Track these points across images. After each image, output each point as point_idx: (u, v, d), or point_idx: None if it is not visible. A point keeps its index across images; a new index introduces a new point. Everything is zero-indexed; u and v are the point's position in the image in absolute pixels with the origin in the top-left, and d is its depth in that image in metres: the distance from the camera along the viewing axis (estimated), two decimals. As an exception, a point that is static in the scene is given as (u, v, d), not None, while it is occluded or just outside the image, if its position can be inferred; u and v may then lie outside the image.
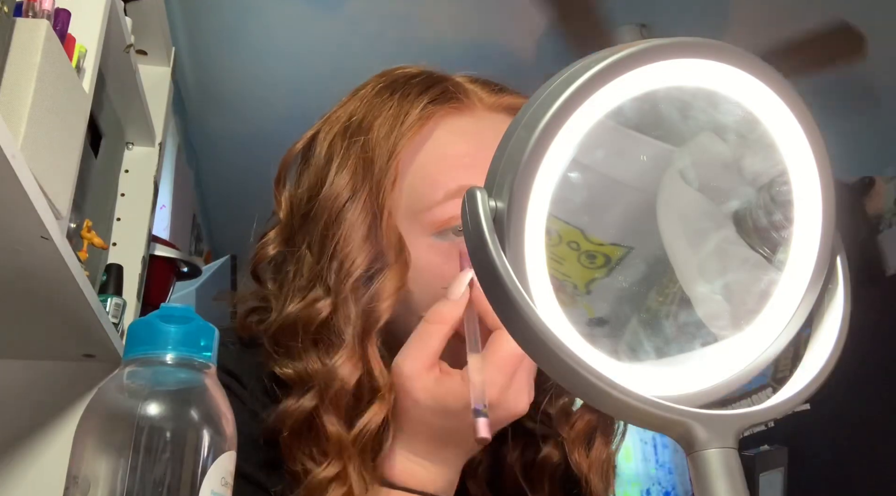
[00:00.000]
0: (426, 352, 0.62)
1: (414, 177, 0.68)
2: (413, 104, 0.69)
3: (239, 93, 2.98)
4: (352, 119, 0.72)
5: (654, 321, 0.48)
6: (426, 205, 0.67)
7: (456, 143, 0.69)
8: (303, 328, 0.66)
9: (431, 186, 0.67)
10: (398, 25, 2.65)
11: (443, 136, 0.69)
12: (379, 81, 0.74)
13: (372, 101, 0.72)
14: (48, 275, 0.86)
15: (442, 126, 0.70)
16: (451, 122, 0.70)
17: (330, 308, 0.65)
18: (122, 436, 0.43)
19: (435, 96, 0.70)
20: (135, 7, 1.38)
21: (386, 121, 0.69)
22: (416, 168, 0.68)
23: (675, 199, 0.49)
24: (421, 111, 0.69)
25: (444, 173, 0.68)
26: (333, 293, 0.65)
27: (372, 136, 0.69)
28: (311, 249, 0.69)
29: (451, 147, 0.69)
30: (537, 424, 0.72)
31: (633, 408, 0.40)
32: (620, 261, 0.50)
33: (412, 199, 0.68)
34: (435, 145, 0.69)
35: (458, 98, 0.71)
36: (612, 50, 0.42)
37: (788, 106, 0.45)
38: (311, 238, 0.69)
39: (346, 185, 0.68)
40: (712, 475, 0.40)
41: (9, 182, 0.67)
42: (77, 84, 0.91)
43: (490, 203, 0.41)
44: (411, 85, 0.72)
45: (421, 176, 0.68)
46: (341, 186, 0.68)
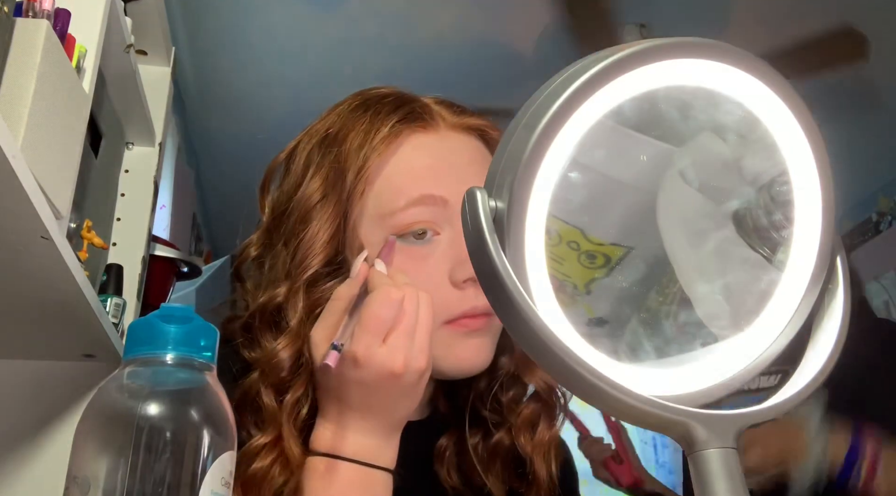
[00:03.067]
0: (328, 322, 0.70)
1: (380, 186, 0.76)
2: (383, 122, 0.78)
3: (239, 93, 2.98)
4: (328, 131, 0.80)
5: (654, 321, 0.48)
6: (390, 210, 0.75)
7: (419, 157, 0.78)
8: (261, 313, 0.74)
9: (395, 194, 0.75)
10: (398, 25, 2.65)
11: (408, 151, 0.77)
12: (355, 99, 0.82)
13: (347, 116, 0.80)
14: (48, 275, 0.86)
15: (408, 142, 0.78)
16: (416, 138, 0.78)
17: (284, 295, 0.74)
18: (122, 436, 0.43)
19: (403, 116, 0.78)
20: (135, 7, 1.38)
21: (358, 135, 0.77)
22: (382, 178, 0.76)
23: (675, 199, 0.49)
24: (390, 128, 0.77)
25: (407, 183, 0.76)
26: (290, 282, 0.74)
27: (345, 148, 0.77)
28: (286, 248, 0.76)
29: (415, 161, 0.77)
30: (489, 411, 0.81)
31: (633, 408, 0.40)
32: (620, 262, 0.50)
33: (378, 206, 0.76)
34: (400, 159, 0.77)
35: (424, 118, 0.79)
36: (612, 50, 0.42)
37: (788, 106, 0.45)
38: (285, 237, 0.77)
39: (318, 189, 0.76)
40: (712, 475, 0.40)
41: (9, 182, 0.67)
42: (77, 84, 0.91)
43: (490, 203, 0.41)
44: (383, 103, 0.80)
45: (387, 185, 0.76)
46: (313, 189, 0.76)
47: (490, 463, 0.81)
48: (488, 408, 0.81)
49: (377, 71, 2.76)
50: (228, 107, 3.04)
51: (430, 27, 2.65)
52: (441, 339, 0.74)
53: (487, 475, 0.80)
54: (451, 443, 0.82)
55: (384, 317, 0.66)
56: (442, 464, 0.81)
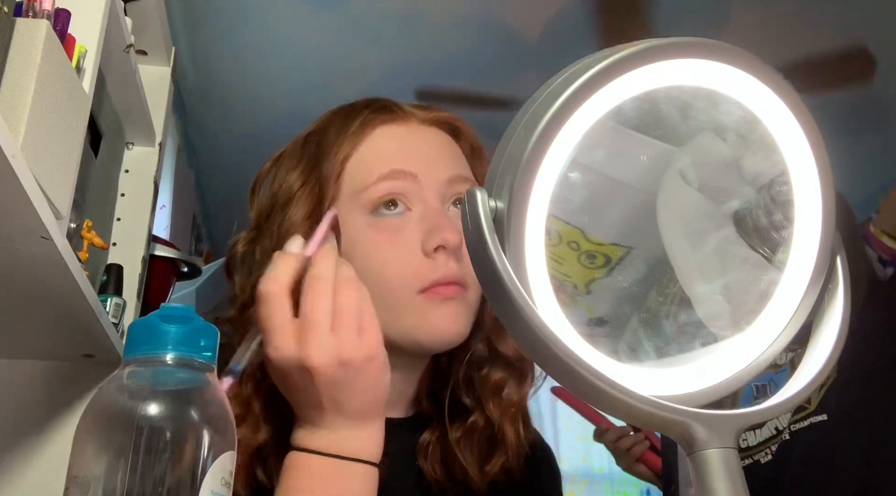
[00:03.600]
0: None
1: (354, 167, 0.82)
2: (356, 116, 0.85)
3: (239, 93, 2.97)
4: (308, 134, 0.88)
5: (654, 321, 0.48)
6: (363, 185, 0.80)
7: (390, 139, 0.84)
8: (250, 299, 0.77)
9: (367, 171, 0.81)
10: (398, 25, 2.65)
11: (378, 136, 0.84)
12: (332, 109, 0.90)
13: (324, 119, 0.88)
14: (48, 275, 0.86)
15: (380, 129, 0.85)
16: (387, 128, 0.85)
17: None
18: (122, 436, 0.43)
19: (375, 109, 0.86)
20: (135, 7, 1.38)
21: (333, 129, 0.85)
22: (355, 161, 0.83)
23: (675, 199, 0.49)
24: (363, 119, 0.84)
25: (378, 161, 0.82)
26: None
27: (323, 140, 0.84)
28: (271, 239, 0.81)
29: (385, 143, 0.84)
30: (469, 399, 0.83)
31: (633, 408, 0.40)
32: (620, 261, 0.50)
33: (352, 184, 0.81)
34: (372, 142, 0.84)
35: (395, 111, 0.87)
36: (612, 50, 0.42)
37: (788, 106, 0.45)
38: (270, 230, 0.82)
39: (297, 179, 0.83)
40: (712, 475, 0.40)
41: (9, 182, 0.67)
42: (77, 84, 0.91)
43: (490, 203, 0.41)
44: (356, 104, 0.88)
45: (359, 165, 0.82)
46: (293, 180, 0.83)
47: (466, 446, 0.82)
48: (466, 393, 0.83)
49: (377, 71, 2.76)
50: (228, 107, 3.04)
51: (429, 27, 2.65)
52: (416, 309, 0.77)
53: (465, 459, 0.81)
54: (433, 438, 0.83)
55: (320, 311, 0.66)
56: (426, 458, 0.82)
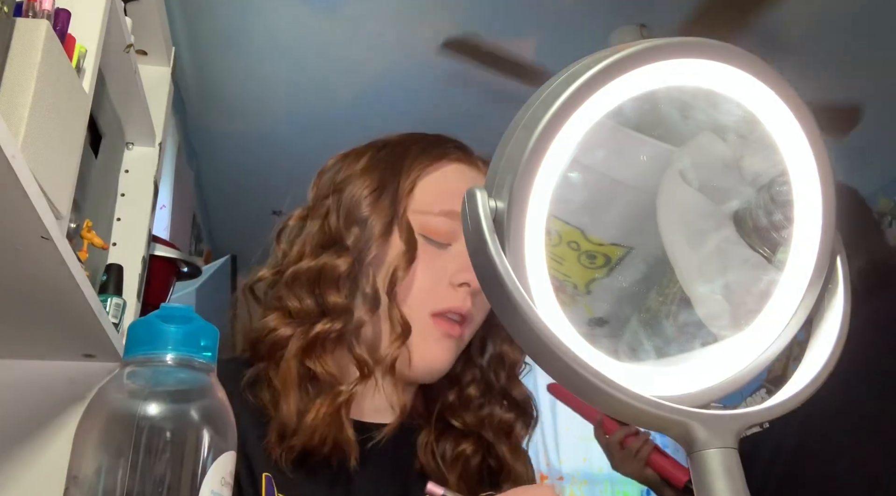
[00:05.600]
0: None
1: (424, 191, 0.90)
2: (440, 145, 0.94)
3: (239, 93, 2.97)
4: (389, 141, 0.96)
5: (654, 321, 0.48)
6: (423, 210, 0.88)
7: (460, 178, 0.92)
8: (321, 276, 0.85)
9: (432, 200, 0.89)
10: (398, 26, 2.65)
11: (451, 172, 0.93)
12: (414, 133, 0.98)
13: (408, 136, 0.96)
14: (48, 275, 0.86)
15: (454, 166, 0.93)
16: (462, 167, 0.94)
17: (347, 266, 0.84)
18: (122, 436, 0.43)
19: (456, 147, 0.96)
20: (135, 7, 1.38)
21: (416, 147, 0.93)
22: (426, 184, 0.91)
23: (675, 199, 0.48)
24: (444, 151, 0.93)
25: (443, 196, 0.90)
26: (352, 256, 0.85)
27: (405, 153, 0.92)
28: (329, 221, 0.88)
29: (455, 180, 0.92)
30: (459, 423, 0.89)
31: (633, 408, 0.40)
32: (620, 261, 0.50)
33: (417, 203, 0.89)
34: (444, 175, 0.92)
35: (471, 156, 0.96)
36: (612, 50, 0.42)
37: (788, 106, 0.45)
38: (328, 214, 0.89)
39: (373, 182, 0.89)
40: (712, 475, 0.40)
41: (9, 182, 0.67)
42: (77, 84, 0.91)
43: (490, 203, 0.41)
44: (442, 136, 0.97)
45: (429, 192, 0.90)
46: (368, 181, 0.89)
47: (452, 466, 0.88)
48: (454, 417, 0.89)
49: (377, 71, 2.76)
50: (228, 107, 3.04)
51: (429, 27, 2.65)
52: (422, 329, 0.85)
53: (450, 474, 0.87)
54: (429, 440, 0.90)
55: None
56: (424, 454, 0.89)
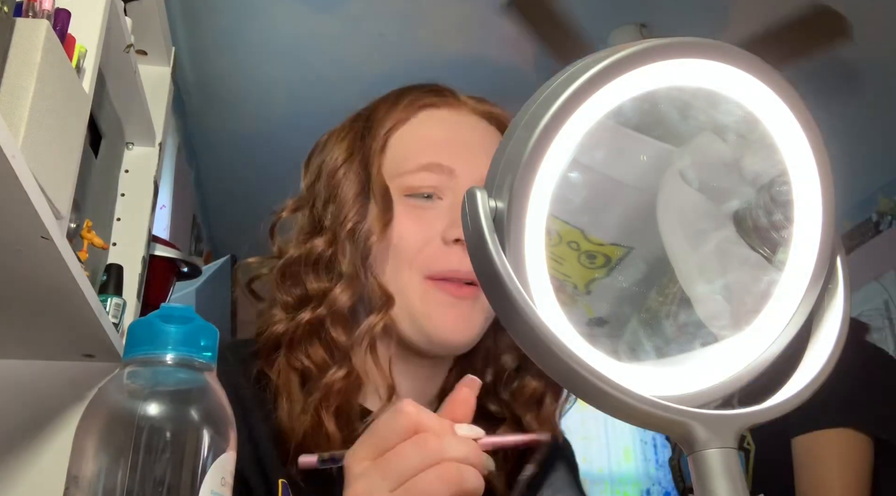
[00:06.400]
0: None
1: (396, 148, 0.83)
2: (407, 95, 0.86)
3: (239, 93, 2.97)
4: (360, 111, 0.88)
5: (654, 321, 0.48)
6: (399, 172, 0.82)
7: (434, 127, 0.85)
8: (304, 262, 0.80)
9: (407, 158, 0.82)
10: (398, 25, 2.65)
11: (426, 120, 0.85)
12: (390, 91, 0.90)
13: (379, 99, 0.88)
14: (48, 275, 0.86)
15: (428, 112, 0.85)
16: (436, 112, 0.86)
17: (324, 244, 0.80)
18: (122, 436, 0.43)
19: (427, 91, 0.86)
20: (135, 7, 1.38)
21: (383, 106, 0.86)
22: (398, 140, 0.83)
23: (675, 199, 0.48)
24: (413, 99, 0.85)
25: (419, 149, 0.82)
26: (330, 233, 0.80)
27: (371, 115, 0.85)
28: (315, 206, 0.84)
29: (430, 130, 0.84)
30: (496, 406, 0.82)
31: (633, 408, 0.40)
32: (620, 261, 0.50)
33: (394, 164, 0.82)
34: (418, 126, 0.84)
35: (447, 96, 0.87)
36: (612, 50, 0.42)
37: (788, 106, 0.45)
38: (316, 197, 0.84)
39: (343, 152, 0.84)
40: (712, 475, 0.40)
41: (9, 182, 0.67)
42: (77, 84, 0.91)
43: (490, 203, 0.41)
44: (412, 86, 0.88)
45: (402, 148, 0.83)
46: (338, 153, 0.84)
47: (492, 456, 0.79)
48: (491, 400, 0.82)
49: (377, 71, 2.76)
50: (228, 107, 3.04)
51: (430, 27, 2.65)
52: (421, 295, 0.78)
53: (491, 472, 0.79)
54: None
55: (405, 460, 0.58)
56: None
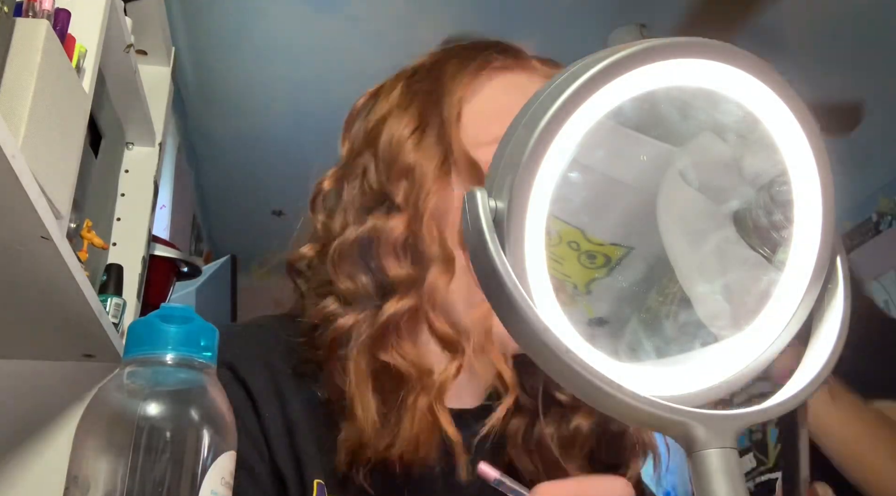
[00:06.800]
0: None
1: (472, 117, 0.74)
2: (478, 54, 0.77)
3: (239, 93, 2.97)
4: (419, 66, 0.79)
5: (654, 321, 0.48)
6: (474, 144, 0.72)
7: (510, 92, 0.75)
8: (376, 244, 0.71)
9: (484, 129, 0.73)
10: (399, 25, 2.65)
11: (500, 86, 0.76)
12: (447, 43, 0.81)
13: (439, 53, 0.79)
14: (48, 275, 0.86)
15: (500, 77, 0.76)
16: (508, 76, 0.76)
17: (404, 225, 0.70)
18: (122, 436, 0.43)
19: (499, 50, 0.77)
20: (135, 7, 1.38)
21: (451, 66, 0.76)
22: (474, 110, 0.74)
23: (675, 199, 0.48)
24: (483, 61, 0.76)
25: (493, 119, 0.72)
26: (408, 213, 0.70)
27: (440, 78, 0.75)
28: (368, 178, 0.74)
29: (505, 96, 0.75)
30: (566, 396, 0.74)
31: (633, 408, 0.40)
32: (620, 262, 0.50)
33: (468, 137, 0.73)
34: (493, 94, 0.75)
35: (518, 57, 0.78)
36: (612, 50, 0.42)
37: (788, 106, 0.45)
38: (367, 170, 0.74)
39: (409, 122, 0.74)
40: (712, 475, 0.40)
41: (9, 182, 0.67)
42: (77, 84, 0.91)
43: (490, 203, 0.41)
44: (479, 41, 0.80)
45: (478, 117, 0.74)
46: (403, 123, 0.74)
47: (569, 450, 0.74)
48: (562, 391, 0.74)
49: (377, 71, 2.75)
50: (228, 107, 3.04)
51: (430, 27, 2.65)
52: None
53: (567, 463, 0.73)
54: (522, 426, 0.75)
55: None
56: (515, 446, 0.74)
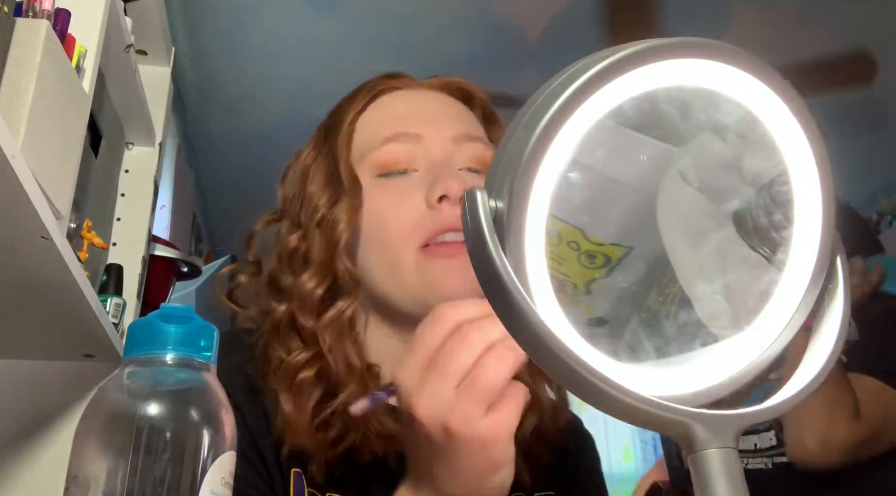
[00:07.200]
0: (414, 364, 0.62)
1: (362, 132, 0.83)
2: (366, 85, 0.88)
3: (239, 93, 2.97)
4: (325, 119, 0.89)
5: (654, 321, 0.48)
6: (369, 149, 0.81)
7: (395, 103, 0.86)
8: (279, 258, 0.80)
9: (373, 135, 0.82)
10: (398, 26, 2.65)
11: (386, 100, 0.86)
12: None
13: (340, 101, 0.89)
14: (48, 275, 0.86)
15: (387, 94, 0.86)
16: (395, 93, 0.87)
17: (298, 239, 0.79)
18: (122, 436, 0.43)
19: (384, 78, 0.88)
20: (135, 7, 1.38)
21: (344, 101, 0.87)
22: (363, 125, 0.84)
23: (675, 199, 0.48)
24: (371, 84, 0.87)
25: (383, 124, 0.83)
26: (302, 227, 0.80)
27: (334, 113, 0.87)
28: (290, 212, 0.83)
29: (391, 106, 0.85)
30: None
31: (633, 408, 0.40)
32: (620, 261, 0.50)
33: (360, 148, 0.82)
34: (379, 107, 0.85)
35: (405, 79, 0.89)
36: (612, 50, 0.42)
37: (788, 106, 0.45)
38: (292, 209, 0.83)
39: (310, 153, 0.85)
40: (712, 475, 0.40)
41: (9, 182, 0.67)
42: (77, 84, 0.91)
43: (490, 203, 0.41)
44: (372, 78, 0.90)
45: (366, 129, 0.83)
46: (305, 155, 0.85)
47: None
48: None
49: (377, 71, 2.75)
50: (228, 107, 3.04)
51: (430, 28, 2.64)
52: (417, 267, 0.75)
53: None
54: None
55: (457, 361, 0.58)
56: None
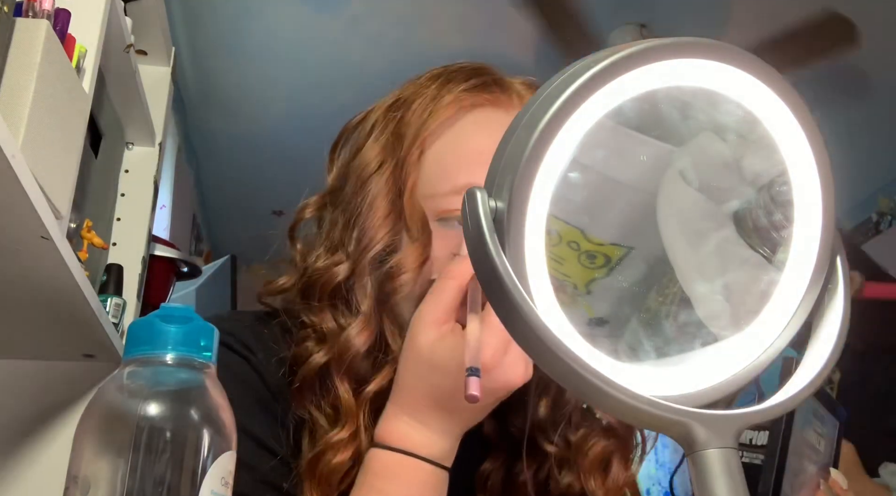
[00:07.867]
0: (438, 306, 0.63)
1: (431, 162, 0.71)
2: (451, 89, 0.72)
3: (239, 93, 2.97)
4: (398, 98, 0.75)
5: (654, 321, 0.48)
6: (434, 192, 0.70)
7: (477, 135, 0.71)
8: (321, 287, 0.70)
9: (442, 177, 0.70)
10: (399, 26, 2.65)
11: (467, 126, 0.72)
12: (434, 70, 0.77)
13: (420, 84, 0.75)
14: (48, 275, 0.86)
15: (470, 116, 0.72)
16: (480, 113, 0.72)
17: (347, 272, 0.69)
18: (122, 436, 0.43)
19: (473, 85, 0.73)
20: (135, 7, 1.38)
21: (423, 101, 0.72)
22: (434, 153, 0.71)
23: (674, 199, 0.48)
24: (455, 95, 0.71)
25: (456, 166, 0.70)
26: (352, 261, 0.69)
27: (408, 114, 0.72)
28: (343, 216, 0.72)
29: (471, 140, 0.71)
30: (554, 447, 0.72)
31: (633, 408, 0.40)
32: (620, 262, 0.50)
33: (430, 179, 0.70)
34: (457, 135, 0.71)
35: (496, 92, 0.73)
36: (612, 50, 0.42)
37: (788, 106, 0.45)
38: (343, 204, 0.73)
39: (376, 157, 0.72)
40: (712, 475, 0.40)
41: (9, 182, 0.67)
42: (77, 84, 0.91)
43: (490, 203, 0.41)
44: (459, 72, 0.75)
45: (437, 163, 0.71)
46: (371, 157, 0.72)
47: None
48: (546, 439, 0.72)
49: (377, 71, 2.76)
50: (228, 107, 3.04)
51: (430, 28, 2.65)
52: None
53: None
54: (496, 470, 0.74)
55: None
56: (484, 491, 0.73)
